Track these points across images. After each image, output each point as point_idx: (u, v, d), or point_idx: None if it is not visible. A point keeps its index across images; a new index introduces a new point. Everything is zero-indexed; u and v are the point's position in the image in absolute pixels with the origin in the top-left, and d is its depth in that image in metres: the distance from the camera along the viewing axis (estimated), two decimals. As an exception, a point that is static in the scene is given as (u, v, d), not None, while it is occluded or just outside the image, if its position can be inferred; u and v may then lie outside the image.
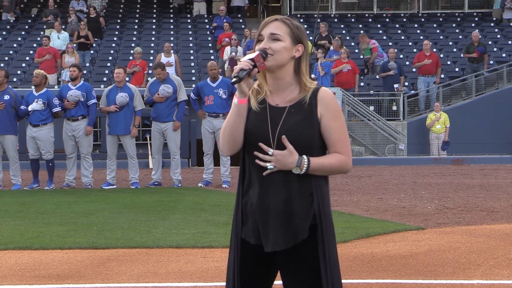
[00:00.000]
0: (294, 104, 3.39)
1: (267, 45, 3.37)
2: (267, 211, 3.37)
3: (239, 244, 3.44)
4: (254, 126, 3.39)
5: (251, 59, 3.31)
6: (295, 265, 3.38)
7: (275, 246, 3.35)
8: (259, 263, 3.44)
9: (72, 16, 25.34)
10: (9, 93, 13.78)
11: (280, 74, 3.41)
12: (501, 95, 22.90)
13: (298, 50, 3.42)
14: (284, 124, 3.36)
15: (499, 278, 6.54)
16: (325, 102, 3.39)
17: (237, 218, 3.46)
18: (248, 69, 3.29)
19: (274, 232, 3.35)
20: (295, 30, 3.42)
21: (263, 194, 3.37)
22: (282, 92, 3.43)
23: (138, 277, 6.65)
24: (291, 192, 3.35)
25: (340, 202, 11.76)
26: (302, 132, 3.35)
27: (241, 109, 3.36)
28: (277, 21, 3.43)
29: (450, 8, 30.21)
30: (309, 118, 3.37)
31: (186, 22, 28.35)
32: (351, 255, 7.52)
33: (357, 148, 21.15)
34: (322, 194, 3.40)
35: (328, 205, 3.43)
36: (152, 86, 14.06)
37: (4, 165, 14.09)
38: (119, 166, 14.59)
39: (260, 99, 3.44)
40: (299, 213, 3.35)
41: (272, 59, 3.36)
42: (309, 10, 29.30)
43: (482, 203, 11.49)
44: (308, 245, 3.36)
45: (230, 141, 3.41)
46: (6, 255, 7.60)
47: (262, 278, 3.48)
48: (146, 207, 11.19)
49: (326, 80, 21.32)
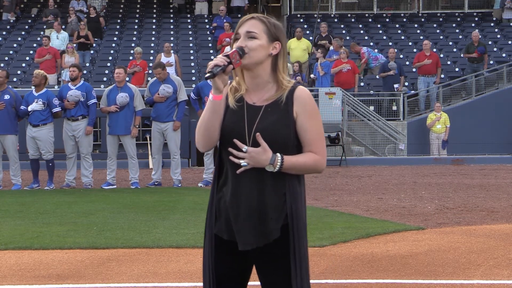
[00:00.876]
0: (271, 103, 3.41)
1: (244, 43, 3.39)
2: (240, 209, 3.39)
3: (212, 240, 3.48)
4: (231, 124, 3.42)
5: (226, 55, 3.33)
6: (266, 263, 3.42)
7: (247, 245, 3.38)
8: (233, 258, 3.47)
9: (72, 16, 25.34)
10: (10, 93, 13.78)
11: (257, 72, 3.43)
12: (501, 95, 22.90)
13: (275, 48, 3.43)
14: (260, 123, 3.38)
15: (499, 278, 6.54)
16: (301, 102, 3.41)
17: (211, 214, 3.49)
18: (222, 65, 3.31)
19: (246, 230, 3.38)
20: (271, 28, 3.43)
21: (237, 192, 3.40)
22: (259, 90, 3.45)
23: (138, 277, 6.65)
24: (264, 192, 3.38)
25: (340, 202, 11.76)
26: (278, 131, 3.37)
27: (216, 106, 3.38)
28: (253, 19, 3.45)
29: (450, 8, 30.20)
30: (285, 117, 3.39)
31: (186, 22, 28.34)
32: (351, 255, 7.52)
33: (357, 148, 21.14)
34: (295, 194, 3.41)
35: (302, 205, 3.44)
36: (152, 86, 14.06)
37: (4, 165, 14.09)
38: (119, 166, 14.59)
39: (238, 97, 3.46)
40: (272, 212, 3.38)
41: (249, 57, 3.38)
42: (309, 10, 29.29)
43: (482, 203, 11.49)
44: (280, 244, 3.39)
45: (205, 137, 3.44)
46: (6, 255, 7.60)
47: (236, 272, 3.50)
48: (146, 207, 11.19)
49: (326, 80, 21.33)
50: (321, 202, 11.70)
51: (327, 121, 19.97)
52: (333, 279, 6.52)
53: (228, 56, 3.33)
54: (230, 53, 3.34)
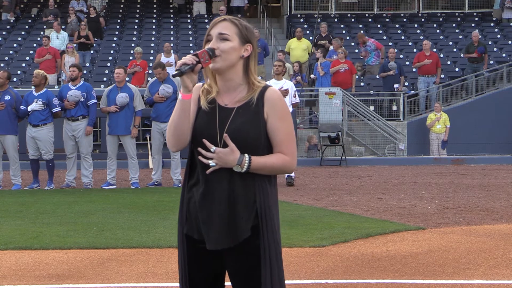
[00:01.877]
0: (242, 105, 3.44)
1: (216, 45, 3.42)
2: (209, 209, 3.42)
3: (184, 240, 3.51)
4: (203, 126, 3.45)
5: (195, 54, 3.36)
6: (237, 263, 3.44)
7: (217, 245, 3.40)
8: (205, 258, 3.49)
9: (72, 16, 25.34)
10: (10, 94, 13.78)
11: (229, 74, 3.46)
12: (501, 95, 22.90)
13: (246, 50, 3.46)
14: (231, 124, 3.41)
15: (499, 278, 6.54)
16: (271, 103, 3.44)
17: (181, 214, 3.53)
18: (191, 64, 3.34)
19: (216, 230, 3.40)
20: (243, 30, 3.46)
21: (207, 193, 3.43)
22: (231, 92, 3.48)
23: (138, 277, 6.65)
24: (234, 192, 3.40)
25: (340, 202, 11.76)
26: (249, 132, 3.39)
27: (185, 105, 3.40)
28: (225, 21, 3.47)
29: (450, 8, 30.20)
30: (255, 118, 3.42)
31: (186, 22, 28.35)
32: (351, 255, 7.53)
33: (357, 148, 21.14)
34: (265, 194, 3.43)
35: (273, 205, 3.46)
36: (152, 86, 14.07)
37: (4, 165, 14.10)
38: (119, 166, 14.59)
39: (210, 99, 3.48)
40: (241, 212, 3.39)
41: (221, 60, 3.41)
42: (309, 10, 29.29)
43: (482, 203, 11.49)
44: (252, 244, 3.40)
45: (175, 136, 3.46)
46: (6, 255, 7.60)
47: (209, 272, 3.52)
48: (146, 207, 11.20)
49: (326, 80, 21.31)
50: (321, 202, 11.70)
51: (327, 121, 19.98)
52: (333, 279, 6.52)
53: (197, 55, 3.35)
54: (199, 52, 3.37)
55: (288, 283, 6.37)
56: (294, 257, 7.37)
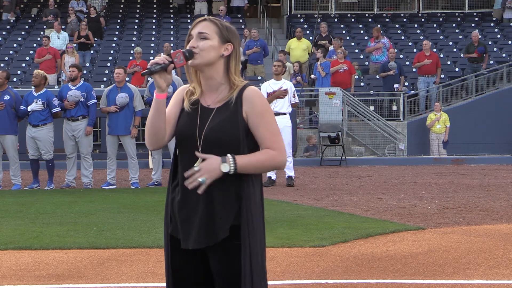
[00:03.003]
0: (222, 105, 3.47)
1: (195, 44, 3.46)
2: (188, 209, 3.45)
3: (168, 240, 3.53)
4: (184, 126, 3.50)
5: (168, 54, 3.40)
6: (219, 263, 3.45)
7: (194, 244, 3.42)
8: (190, 258, 3.51)
9: (72, 16, 25.34)
10: (10, 94, 13.78)
11: (210, 73, 3.49)
12: (501, 95, 22.90)
13: (226, 49, 3.50)
14: (210, 123, 3.44)
15: (499, 278, 6.54)
16: (249, 101, 3.46)
17: (166, 214, 3.55)
18: (162, 63, 3.37)
19: (194, 230, 3.42)
20: (223, 29, 3.50)
21: (185, 193, 3.45)
22: (213, 92, 3.51)
23: (138, 277, 6.65)
24: (213, 192, 3.41)
25: (340, 202, 11.76)
26: (226, 131, 3.42)
27: (159, 104, 3.44)
28: (205, 21, 3.53)
29: (450, 8, 30.20)
30: (233, 116, 3.44)
31: (186, 22, 28.34)
32: (351, 255, 7.52)
33: (357, 148, 21.14)
34: (247, 193, 3.43)
35: (255, 205, 3.45)
36: (152, 86, 14.07)
37: (4, 165, 14.09)
38: (119, 166, 14.59)
39: (193, 100, 3.52)
40: (219, 212, 3.41)
41: (199, 57, 3.45)
42: (309, 10, 29.29)
43: (482, 203, 11.49)
44: (232, 244, 3.41)
45: (151, 135, 3.50)
46: (6, 255, 7.60)
47: (195, 272, 3.53)
48: (146, 207, 11.20)
49: (327, 80, 21.31)
50: (321, 202, 11.70)
51: (327, 121, 19.98)
52: (333, 279, 6.52)
53: (170, 55, 3.39)
54: (173, 52, 3.40)
55: (288, 283, 6.37)
56: (294, 257, 7.37)
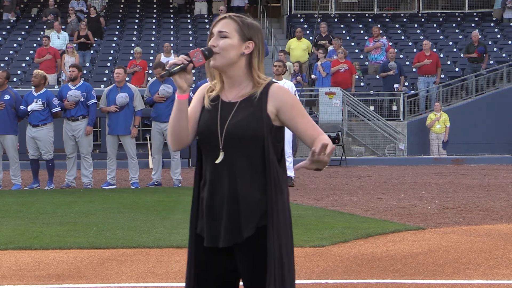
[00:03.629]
0: (245, 99, 3.43)
1: (215, 42, 3.42)
2: (216, 207, 3.41)
3: (194, 240, 3.49)
4: (205, 123, 3.45)
5: (186, 54, 3.35)
6: (245, 262, 3.41)
7: (224, 242, 3.38)
8: (216, 259, 3.47)
9: (72, 16, 25.33)
10: (10, 93, 13.79)
11: (232, 72, 3.45)
12: (501, 95, 22.90)
13: (247, 47, 3.44)
14: (232, 119, 3.39)
15: (499, 278, 6.54)
16: (277, 96, 3.41)
17: (193, 214, 3.51)
18: (181, 64, 3.33)
19: (223, 228, 3.38)
20: (244, 27, 3.45)
21: (213, 190, 3.42)
22: (236, 87, 3.47)
23: (138, 277, 6.65)
24: (236, 191, 3.38)
25: (340, 202, 11.76)
26: (249, 126, 3.37)
27: (181, 105, 3.40)
28: (226, 19, 3.48)
29: (450, 8, 30.20)
30: (257, 112, 3.39)
31: (186, 22, 28.34)
32: (351, 255, 7.52)
33: (357, 148, 21.14)
34: (277, 191, 3.38)
35: (284, 203, 3.40)
36: (152, 86, 14.07)
37: (4, 165, 14.09)
38: (119, 166, 14.58)
39: (213, 96, 3.48)
40: (244, 211, 3.37)
41: (220, 57, 3.41)
42: (309, 10, 29.29)
43: (482, 203, 11.49)
44: (259, 243, 3.37)
45: (174, 136, 3.47)
46: (6, 255, 7.60)
47: (221, 274, 3.50)
48: (146, 207, 11.20)
49: (327, 80, 21.31)
50: (321, 202, 11.70)
51: (327, 121, 19.98)
52: (333, 279, 6.52)
53: (188, 55, 3.34)
54: (191, 52, 3.36)
55: (288, 283, 6.36)
56: (294, 257, 7.36)
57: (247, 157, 3.38)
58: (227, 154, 3.39)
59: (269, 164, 3.37)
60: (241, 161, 3.38)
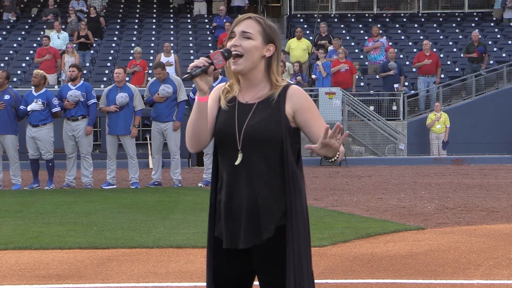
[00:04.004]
0: (262, 101, 3.40)
1: (238, 43, 3.37)
2: (235, 209, 3.39)
3: (212, 242, 3.47)
4: (222, 124, 3.41)
5: (208, 56, 3.31)
6: (264, 264, 3.40)
7: (243, 244, 3.36)
8: (235, 261, 3.45)
9: (72, 16, 25.33)
10: (10, 93, 13.79)
11: (251, 74, 3.42)
12: (501, 95, 22.90)
13: (269, 50, 3.42)
14: (250, 121, 3.37)
15: (499, 278, 6.54)
16: (295, 98, 3.40)
17: (211, 217, 3.49)
18: (203, 66, 3.29)
19: (242, 229, 3.36)
20: (267, 29, 3.42)
21: (231, 192, 3.39)
22: (253, 89, 3.44)
23: (138, 277, 6.65)
24: (259, 191, 3.36)
25: (340, 202, 11.76)
26: (267, 128, 3.35)
27: (202, 107, 3.36)
28: (250, 19, 3.43)
29: (450, 8, 30.20)
30: (275, 114, 3.37)
31: (186, 22, 28.34)
32: (351, 255, 7.52)
33: (357, 148, 21.14)
34: (296, 192, 3.38)
35: (302, 204, 3.39)
36: (152, 86, 14.07)
37: (4, 165, 14.09)
38: (119, 166, 14.59)
39: (230, 98, 3.45)
40: (263, 213, 3.36)
41: (244, 61, 3.37)
42: (309, 10, 29.29)
43: (482, 203, 11.49)
44: (278, 245, 3.36)
45: (193, 138, 3.43)
46: (6, 255, 7.60)
47: (239, 276, 3.48)
48: (146, 207, 11.20)
49: (327, 80, 21.31)
50: (321, 202, 11.70)
51: (327, 121, 19.76)
52: (333, 279, 6.52)
53: (209, 57, 3.31)
54: (212, 53, 3.32)
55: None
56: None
57: (265, 159, 3.37)
58: (245, 155, 3.37)
59: (288, 165, 3.37)
60: (259, 163, 3.37)
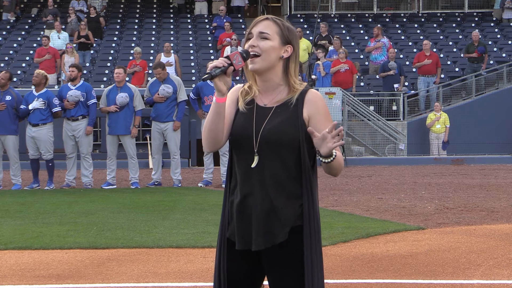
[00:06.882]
0: (281, 105, 3.40)
1: (256, 43, 3.37)
2: (248, 211, 3.38)
3: (224, 243, 3.46)
4: (240, 126, 3.41)
5: (227, 57, 3.30)
6: (277, 266, 3.39)
7: (256, 246, 3.36)
8: (245, 262, 3.45)
9: (72, 16, 25.34)
10: (11, 94, 13.79)
11: (268, 75, 3.42)
12: (501, 95, 22.90)
13: (286, 51, 3.42)
14: (268, 124, 3.37)
15: (499, 278, 6.54)
16: (313, 103, 3.40)
17: (224, 218, 3.48)
18: (222, 66, 3.28)
19: (255, 231, 3.36)
20: (285, 30, 3.42)
21: (245, 194, 3.39)
22: (270, 92, 3.44)
23: (138, 277, 6.65)
24: (274, 193, 3.35)
25: (340, 202, 11.77)
26: (285, 132, 3.35)
27: (219, 108, 3.35)
28: (267, 20, 3.43)
29: (450, 8, 30.20)
30: (293, 118, 3.37)
31: (186, 22, 28.34)
32: (351, 255, 7.53)
33: (357, 148, 21.14)
34: (310, 196, 3.38)
35: (316, 208, 3.40)
36: (152, 86, 14.07)
37: (4, 165, 14.10)
38: (119, 166, 14.59)
39: (248, 100, 3.44)
40: (280, 214, 3.35)
41: (261, 60, 3.37)
42: (309, 10, 29.29)
43: (482, 203, 11.49)
44: (291, 247, 3.36)
45: (210, 138, 3.44)
46: (6, 255, 7.60)
47: (248, 277, 3.48)
48: (146, 207, 11.20)
49: (327, 80, 21.31)
50: (321, 202, 11.69)
51: (327, 121, 19.97)
52: (333, 279, 6.52)
53: (229, 58, 3.29)
54: (231, 54, 3.31)
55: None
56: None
57: (280, 162, 3.37)
58: (261, 158, 3.37)
59: (304, 169, 3.37)
60: (274, 166, 3.36)
